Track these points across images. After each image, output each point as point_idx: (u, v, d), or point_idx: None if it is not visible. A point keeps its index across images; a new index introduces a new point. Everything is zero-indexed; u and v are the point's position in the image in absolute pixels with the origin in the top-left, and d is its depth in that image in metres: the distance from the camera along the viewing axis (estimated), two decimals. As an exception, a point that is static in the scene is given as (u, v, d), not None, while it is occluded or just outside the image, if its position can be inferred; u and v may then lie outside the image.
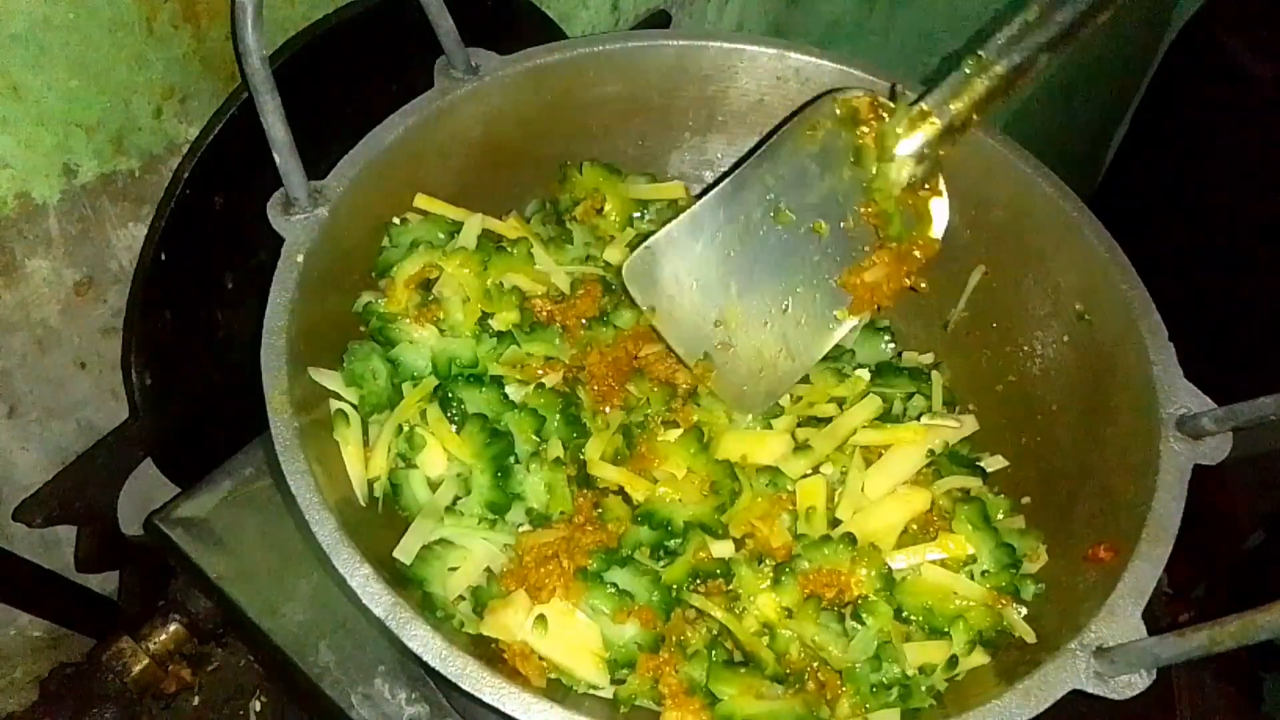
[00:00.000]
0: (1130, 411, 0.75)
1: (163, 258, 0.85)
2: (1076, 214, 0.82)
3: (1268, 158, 1.86)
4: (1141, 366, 0.74)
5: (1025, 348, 0.89)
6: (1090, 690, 0.59)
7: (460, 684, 0.56)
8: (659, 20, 1.28)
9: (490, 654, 0.67)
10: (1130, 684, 0.59)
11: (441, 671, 0.57)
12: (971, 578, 0.75)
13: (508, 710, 0.56)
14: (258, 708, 0.98)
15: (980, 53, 0.74)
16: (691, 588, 0.74)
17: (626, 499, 0.78)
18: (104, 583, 1.07)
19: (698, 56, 0.92)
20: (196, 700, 0.96)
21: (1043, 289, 0.86)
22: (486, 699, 0.56)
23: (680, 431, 0.82)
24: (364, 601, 0.58)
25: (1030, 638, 0.70)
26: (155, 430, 0.93)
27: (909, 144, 0.77)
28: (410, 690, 0.84)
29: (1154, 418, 0.71)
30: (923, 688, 0.69)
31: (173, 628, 0.90)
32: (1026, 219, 0.86)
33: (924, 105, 0.76)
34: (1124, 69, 2.41)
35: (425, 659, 0.57)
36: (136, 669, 0.88)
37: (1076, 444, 0.82)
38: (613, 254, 0.91)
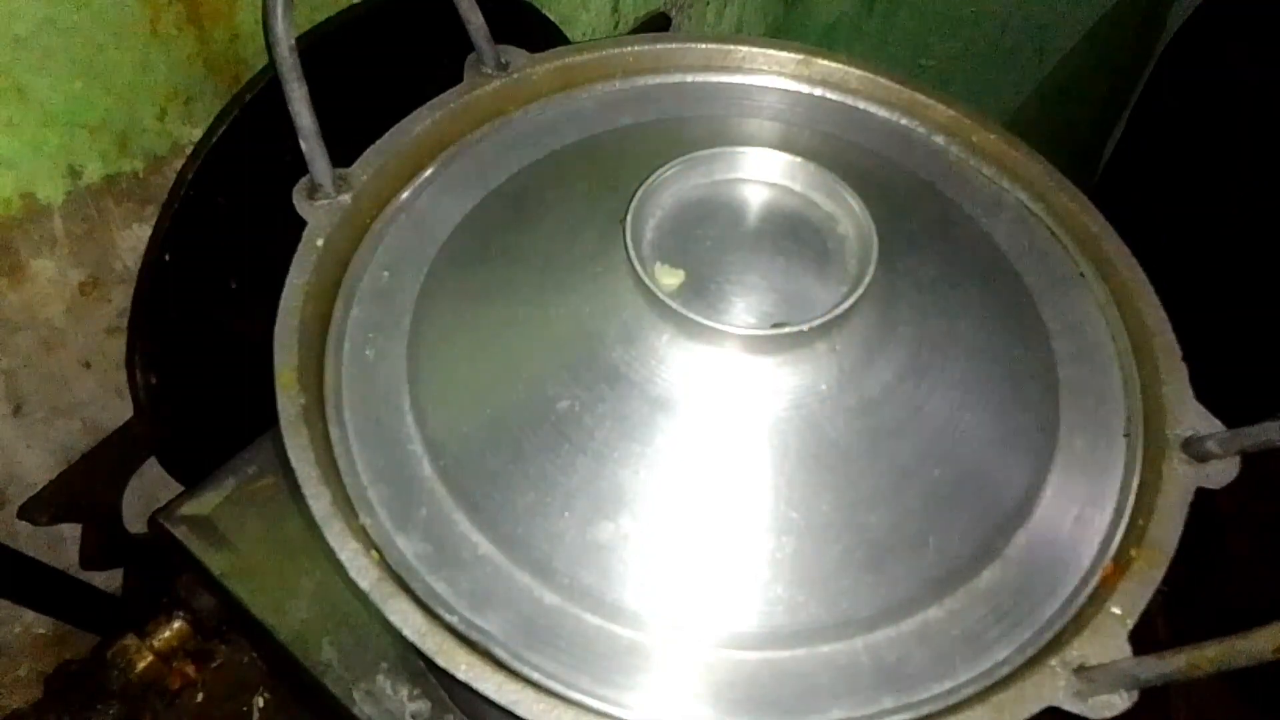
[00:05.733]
0: (1136, 429, 0.73)
1: (166, 258, 0.86)
2: (1097, 229, 0.82)
3: (1262, 158, 1.87)
4: (1152, 385, 0.73)
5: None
6: (1068, 708, 0.58)
7: (436, 660, 0.57)
8: (658, 23, 1.28)
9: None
10: (1110, 704, 0.57)
11: (419, 647, 0.57)
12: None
13: (481, 689, 0.56)
14: (261, 704, 0.98)
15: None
16: None
17: None
18: (108, 580, 1.08)
19: (725, 61, 0.91)
20: (200, 696, 0.97)
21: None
22: (461, 676, 0.56)
23: None
24: (350, 575, 0.59)
25: None
26: (159, 428, 0.94)
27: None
28: (412, 687, 0.85)
29: (1160, 438, 0.70)
30: None
31: (177, 625, 0.91)
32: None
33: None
34: (1121, 69, 2.42)
35: (405, 634, 0.58)
36: (141, 666, 0.89)
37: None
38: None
